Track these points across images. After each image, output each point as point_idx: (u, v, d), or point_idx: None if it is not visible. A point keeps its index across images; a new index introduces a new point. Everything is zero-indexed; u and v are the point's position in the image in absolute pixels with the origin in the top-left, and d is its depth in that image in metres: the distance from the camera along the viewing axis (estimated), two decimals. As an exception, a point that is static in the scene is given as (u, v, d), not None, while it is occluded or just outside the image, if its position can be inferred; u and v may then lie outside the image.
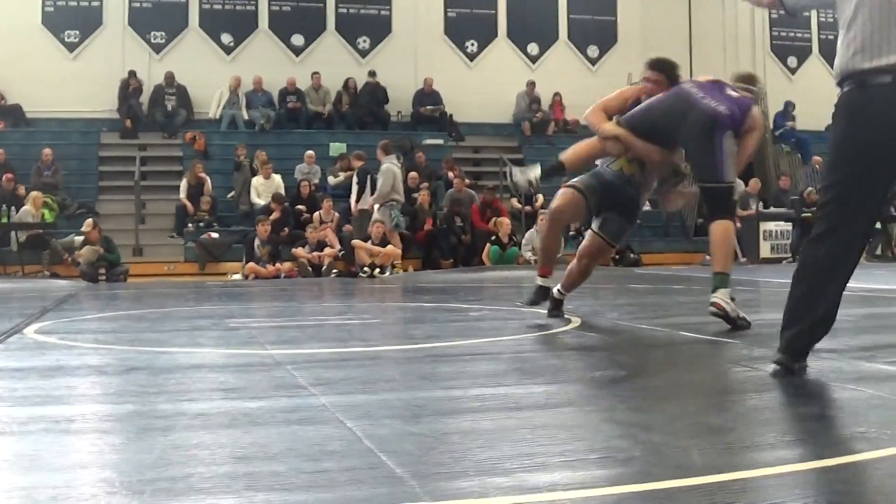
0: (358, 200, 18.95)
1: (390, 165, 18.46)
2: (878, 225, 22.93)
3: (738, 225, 21.88)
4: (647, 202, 9.13)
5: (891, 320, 8.30)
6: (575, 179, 8.00)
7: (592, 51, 26.21)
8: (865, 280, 13.66)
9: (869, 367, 5.23)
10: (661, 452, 3.33)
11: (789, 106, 26.19)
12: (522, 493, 2.81)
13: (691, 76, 25.13)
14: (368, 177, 18.79)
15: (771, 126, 26.28)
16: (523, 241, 19.86)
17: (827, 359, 5.55)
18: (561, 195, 7.86)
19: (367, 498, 2.78)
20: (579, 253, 8.09)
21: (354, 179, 19.27)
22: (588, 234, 8.09)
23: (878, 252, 22.93)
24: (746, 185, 23.05)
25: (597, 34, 26.24)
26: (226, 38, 23.90)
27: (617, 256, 20.84)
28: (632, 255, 20.97)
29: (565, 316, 7.93)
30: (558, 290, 8.03)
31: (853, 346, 6.29)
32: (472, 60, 25.40)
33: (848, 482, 2.94)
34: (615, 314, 9.07)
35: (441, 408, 4.26)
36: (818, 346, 6.09)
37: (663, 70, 7.91)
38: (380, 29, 24.83)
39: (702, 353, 5.98)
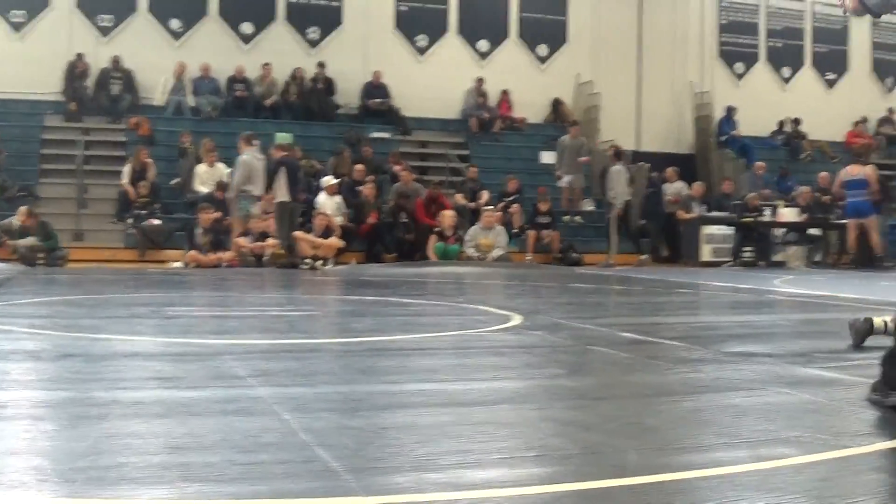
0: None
1: (247, 157, 18.13)
2: (819, 232, 23.21)
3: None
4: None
5: (827, 326, 8.35)
6: None
7: (542, 49, 26.20)
8: (804, 286, 13.81)
9: (805, 372, 5.26)
10: (597, 452, 3.34)
11: (732, 111, 26.35)
12: (458, 489, 2.79)
13: (639, 80, 25.02)
14: (282, 168, 18.45)
15: (716, 130, 26.48)
16: (466, 238, 19.85)
17: (764, 363, 5.59)
18: None
19: (302, 491, 2.76)
20: None
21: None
22: None
23: (818, 259, 23.14)
24: (689, 187, 23.20)
25: (547, 33, 26.23)
26: (175, 24, 23.64)
27: (560, 255, 20.95)
28: (574, 255, 21.05)
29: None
30: None
31: (790, 350, 6.33)
32: (421, 55, 25.33)
33: (781, 486, 2.95)
34: (556, 313, 9.09)
35: (379, 402, 4.25)
36: (756, 350, 6.16)
37: None
38: (330, 20, 24.69)
39: (641, 354, 5.99)
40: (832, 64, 29.42)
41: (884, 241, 21.50)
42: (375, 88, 24.19)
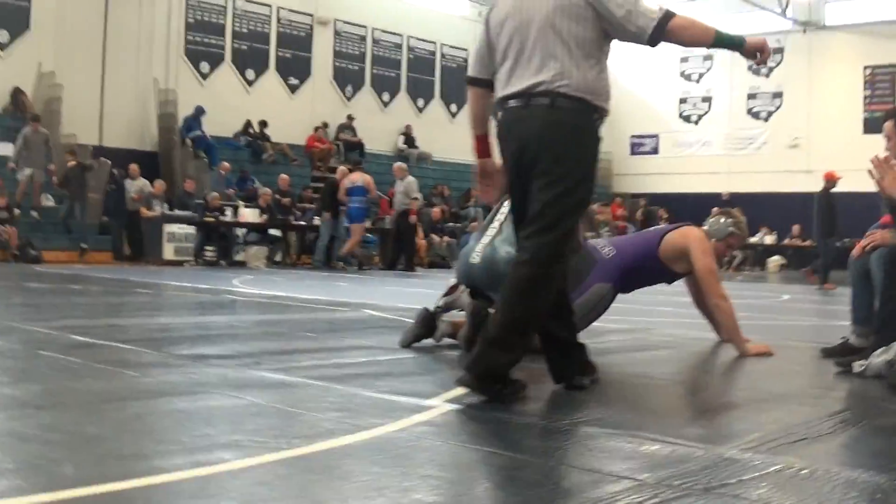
0: None
1: None
2: (279, 233, 23.87)
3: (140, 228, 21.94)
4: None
5: (280, 327, 8.60)
6: None
7: (2, 35, 24.97)
8: (262, 286, 14.14)
9: (252, 375, 5.38)
10: (34, 465, 3.26)
11: (200, 111, 26.45)
12: None
13: (104, 74, 24.45)
14: None
15: (181, 128, 26.46)
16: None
17: (214, 366, 5.67)
18: None
19: None
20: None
21: None
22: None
23: (278, 259, 23.76)
24: (152, 185, 23.10)
25: (8, 18, 24.99)
26: None
27: (17, 253, 20.20)
28: (32, 252, 20.35)
29: None
30: None
31: (241, 352, 6.46)
32: None
33: (217, 492, 3.02)
34: (8, 315, 8.75)
35: None
36: (207, 352, 6.24)
37: None
38: None
39: (91, 358, 5.86)
40: (295, 69, 30.30)
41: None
42: None
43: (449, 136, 31.60)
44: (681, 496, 3.11)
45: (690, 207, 33.85)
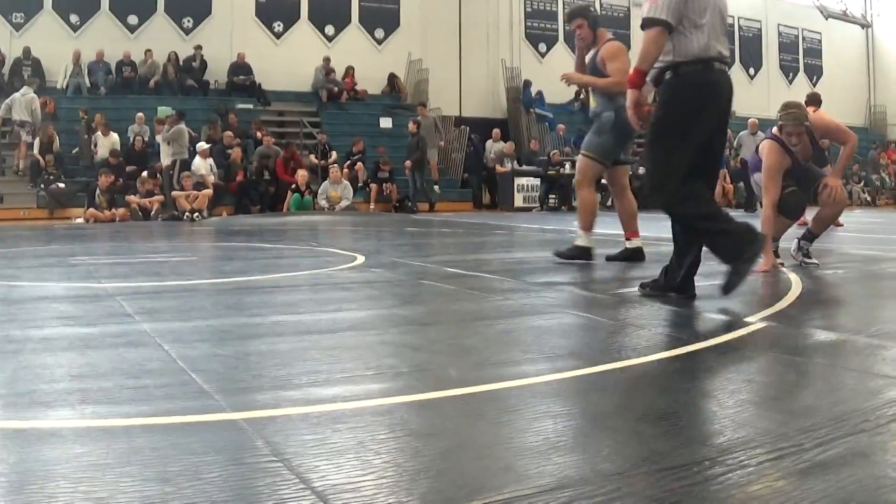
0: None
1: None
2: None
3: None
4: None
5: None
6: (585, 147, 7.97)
7: (379, 33, 25.98)
8: (598, 227, 14.05)
9: (595, 297, 5.39)
10: (425, 369, 3.37)
11: (527, 84, 26.51)
12: (309, 404, 2.80)
13: (460, 61, 24.74)
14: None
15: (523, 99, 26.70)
16: (318, 191, 19.75)
17: (563, 291, 5.70)
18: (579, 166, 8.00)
19: (180, 410, 2.74)
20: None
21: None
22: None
23: (609, 204, 23.62)
24: (504, 146, 23.47)
25: (383, 18, 26.02)
26: (73, 18, 22.77)
27: (397, 205, 20.94)
28: (409, 204, 21.09)
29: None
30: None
31: (585, 280, 6.47)
32: (278, 38, 24.87)
33: (569, 394, 3.03)
34: (394, 253, 9.09)
35: (244, 333, 4.20)
36: (557, 280, 6.27)
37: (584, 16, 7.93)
38: (202, 11, 24.06)
39: (463, 286, 6.03)
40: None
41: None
42: (240, 67, 23.73)
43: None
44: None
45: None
